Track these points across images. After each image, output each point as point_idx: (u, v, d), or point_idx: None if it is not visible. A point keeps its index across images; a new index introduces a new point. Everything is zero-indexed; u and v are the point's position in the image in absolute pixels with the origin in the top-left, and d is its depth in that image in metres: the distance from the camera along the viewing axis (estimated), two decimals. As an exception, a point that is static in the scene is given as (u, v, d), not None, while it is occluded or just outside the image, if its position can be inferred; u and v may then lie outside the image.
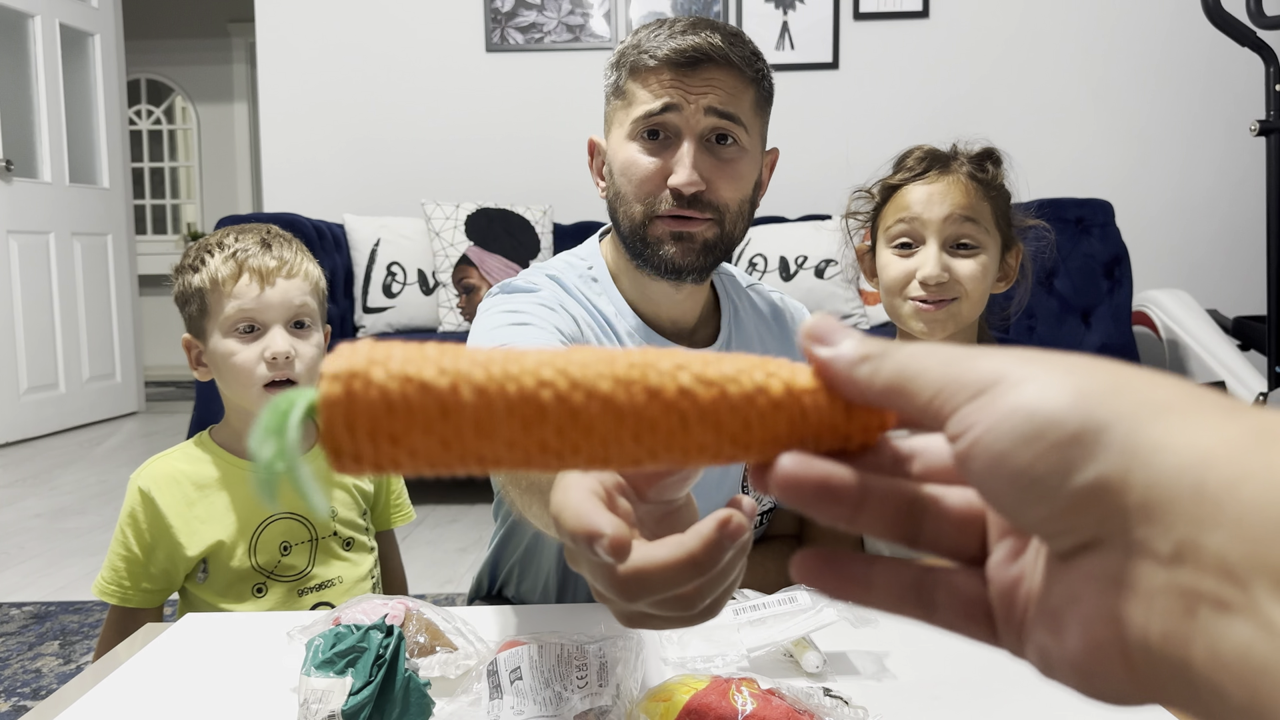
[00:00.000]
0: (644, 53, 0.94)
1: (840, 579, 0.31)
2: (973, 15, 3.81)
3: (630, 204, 0.97)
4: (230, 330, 1.04)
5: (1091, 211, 3.00)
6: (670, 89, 0.93)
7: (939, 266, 1.01)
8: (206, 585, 1.06)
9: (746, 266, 3.26)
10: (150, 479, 1.06)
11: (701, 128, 0.94)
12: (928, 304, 1.02)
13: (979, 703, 0.72)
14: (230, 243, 1.06)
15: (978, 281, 1.02)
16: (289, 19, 3.93)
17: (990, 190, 1.04)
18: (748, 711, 0.61)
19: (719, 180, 0.95)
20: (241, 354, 1.04)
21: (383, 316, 3.27)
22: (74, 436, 4.33)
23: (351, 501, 1.15)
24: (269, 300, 1.04)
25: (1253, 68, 3.25)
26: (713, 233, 0.97)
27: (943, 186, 1.03)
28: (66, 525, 2.86)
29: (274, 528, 1.07)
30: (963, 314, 1.03)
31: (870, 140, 3.71)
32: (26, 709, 1.61)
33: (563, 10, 3.85)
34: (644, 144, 0.96)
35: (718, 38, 0.93)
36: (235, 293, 1.04)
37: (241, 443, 1.11)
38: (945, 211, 1.02)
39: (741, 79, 0.95)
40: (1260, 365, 3.19)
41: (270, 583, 1.07)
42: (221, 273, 1.04)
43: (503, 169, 3.83)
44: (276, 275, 1.05)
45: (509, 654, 0.67)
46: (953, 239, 1.02)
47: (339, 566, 1.11)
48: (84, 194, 4.57)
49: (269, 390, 1.05)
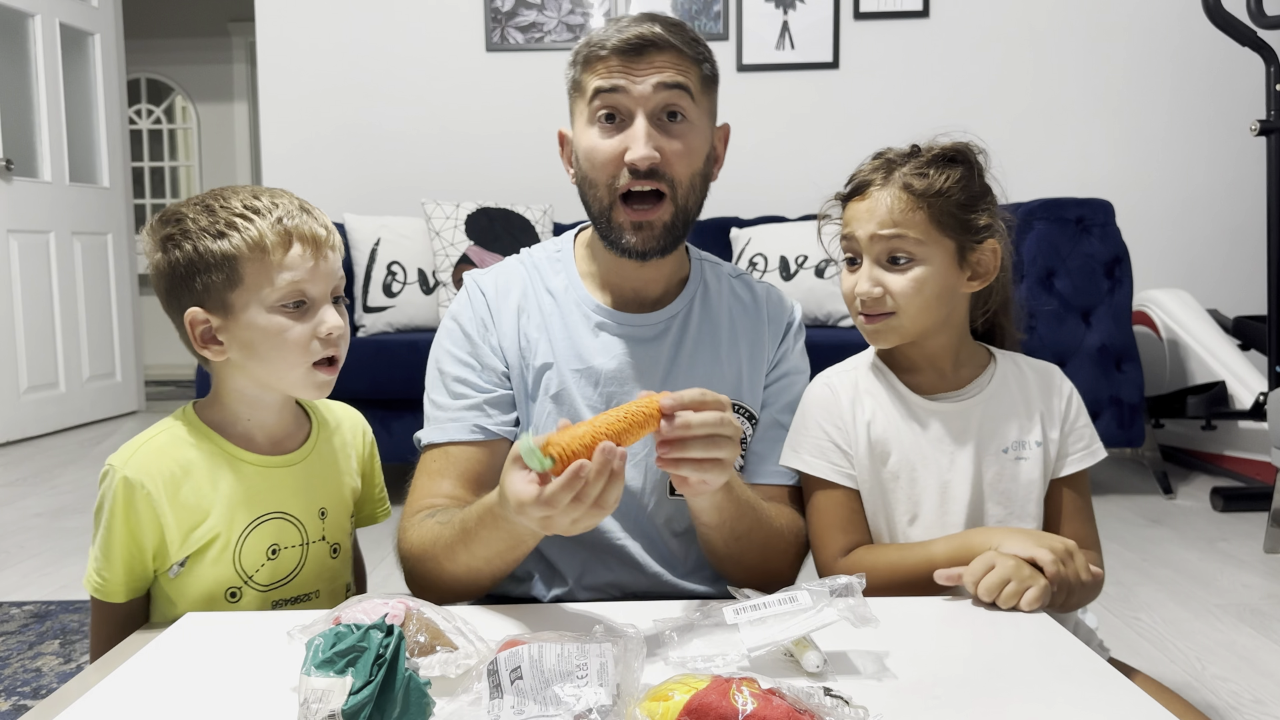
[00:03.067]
0: (594, 46, 1.05)
1: None
2: (973, 15, 3.81)
3: (595, 186, 1.07)
4: (277, 304, 0.94)
5: (1091, 211, 3.00)
6: (619, 72, 1.03)
7: (869, 283, 1.05)
8: (178, 581, 0.98)
9: (746, 266, 3.26)
10: (139, 470, 0.96)
11: (653, 104, 1.03)
12: (867, 317, 1.07)
13: (979, 703, 0.72)
14: (266, 205, 0.95)
15: (910, 295, 1.03)
16: (289, 19, 3.93)
17: (927, 198, 1.02)
18: (748, 711, 0.61)
19: (671, 154, 1.04)
20: (295, 330, 0.95)
21: (383, 316, 3.27)
22: (74, 436, 4.33)
23: (345, 505, 1.10)
24: (322, 272, 0.96)
25: (1253, 68, 3.25)
26: (669, 213, 1.06)
27: (870, 204, 1.05)
28: (66, 524, 2.86)
29: (264, 528, 1.00)
30: (902, 326, 1.05)
31: (870, 140, 3.70)
32: (26, 708, 1.61)
33: (563, 10, 3.85)
34: (601, 127, 1.06)
35: (658, 27, 1.03)
36: (287, 263, 0.93)
37: (239, 428, 1.02)
38: (871, 229, 1.04)
39: (685, 59, 1.05)
40: (1260, 365, 3.19)
41: (246, 589, 1.00)
42: (269, 239, 0.93)
43: (503, 169, 3.83)
44: (326, 246, 0.97)
45: (509, 654, 0.67)
46: (884, 254, 1.04)
47: (322, 576, 1.06)
48: (84, 193, 4.57)
49: (317, 369, 0.97)
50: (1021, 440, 1.08)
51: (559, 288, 1.16)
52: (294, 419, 1.08)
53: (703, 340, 1.16)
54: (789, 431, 1.14)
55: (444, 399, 1.13)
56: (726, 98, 1.17)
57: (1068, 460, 1.10)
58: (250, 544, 1.00)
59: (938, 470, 1.07)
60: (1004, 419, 1.09)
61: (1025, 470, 1.08)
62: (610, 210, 1.07)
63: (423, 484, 1.10)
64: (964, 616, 0.91)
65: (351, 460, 1.13)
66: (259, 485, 1.01)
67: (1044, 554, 0.93)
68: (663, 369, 1.13)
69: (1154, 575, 2.27)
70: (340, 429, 1.13)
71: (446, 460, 1.09)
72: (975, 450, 1.07)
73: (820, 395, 1.13)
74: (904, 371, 1.12)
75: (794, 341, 1.22)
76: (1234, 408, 3.07)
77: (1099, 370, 2.95)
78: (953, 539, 1.02)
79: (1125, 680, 0.76)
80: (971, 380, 1.11)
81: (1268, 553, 2.42)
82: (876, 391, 1.11)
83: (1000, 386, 1.10)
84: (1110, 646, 1.17)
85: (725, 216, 3.56)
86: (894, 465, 1.08)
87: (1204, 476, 3.26)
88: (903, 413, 1.09)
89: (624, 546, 1.12)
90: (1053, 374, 1.13)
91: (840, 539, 1.08)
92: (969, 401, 1.09)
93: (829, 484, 1.09)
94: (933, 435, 1.08)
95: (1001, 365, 1.12)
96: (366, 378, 2.79)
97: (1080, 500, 1.11)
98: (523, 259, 1.21)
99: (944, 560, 0.99)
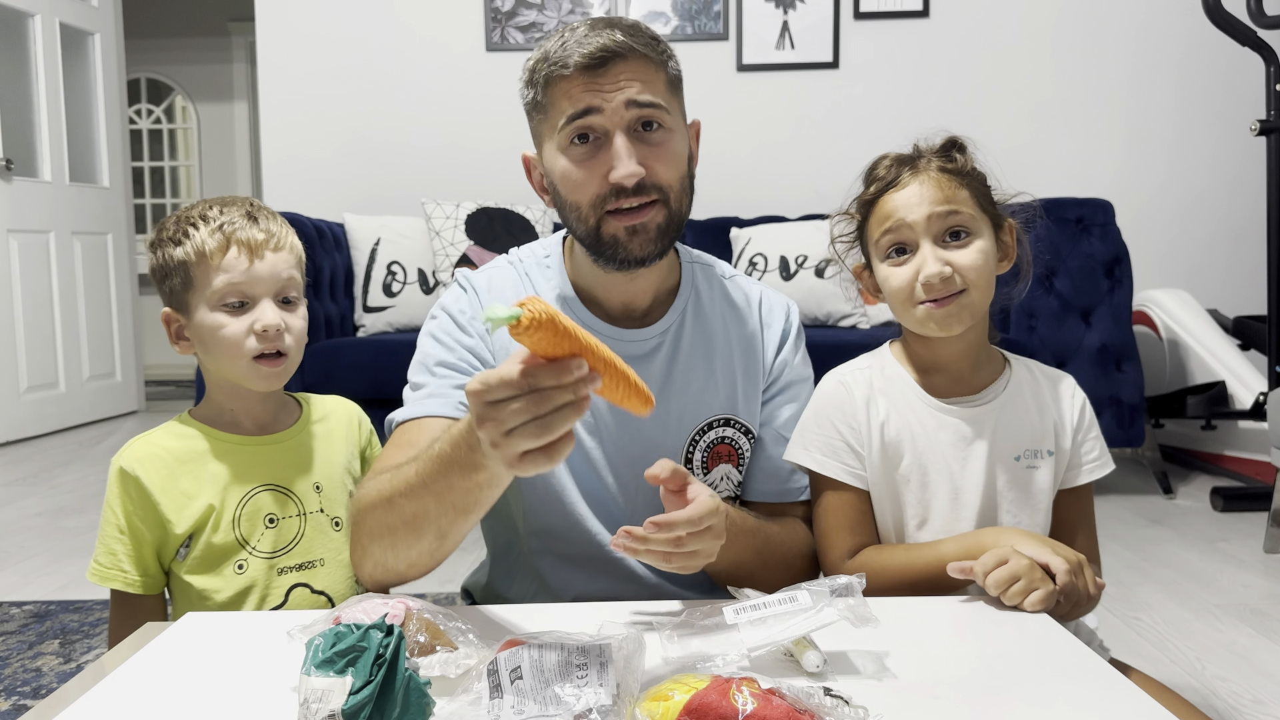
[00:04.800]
0: (554, 64, 0.99)
1: None
2: (973, 15, 3.81)
3: (579, 209, 1.03)
4: (218, 304, 1.03)
5: (1091, 211, 3.00)
6: (587, 93, 0.99)
7: (939, 264, 1.01)
8: (186, 563, 1.04)
9: (746, 266, 3.26)
10: (132, 459, 1.04)
11: (627, 120, 0.99)
12: (937, 303, 1.02)
13: (979, 703, 0.72)
14: (215, 215, 1.04)
15: (980, 267, 1.02)
16: (289, 19, 3.93)
17: (963, 177, 1.04)
18: (748, 711, 0.61)
19: (656, 163, 1.01)
20: (231, 327, 1.03)
21: (383, 316, 3.27)
22: (74, 435, 4.33)
23: (341, 482, 1.13)
24: (258, 274, 1.04)
25: (1253, 68, 3.25)
26: (662, 216, 1.03)
27: (917, 187, 1.03)
28: (66, 524, 2.86)
29: (258, 499, 1.06)
30: (975, 303, 1.03)
31: (870, 140, 3.70)
32: (26, 708, 1.61)
33: (563, 10, 3.85)
34: (577, 149, 1.01)
35: (618, 34, 0.99)
36: (224, 266, 1.02)
37: (226, 418, 1.09)
38: (928, 210, 1.02)
39: (650, 64, 1.01)
40: (1260, 365, 3.19)
41: (252, 558, 1.05)
42: (209, 245, 1.02)
43: (503, 168, 3.83)
44: (265, 249, 1.04)
45: (509, 654, 0.67)
46: (943, 233, 1.03)
47: (327, 546, 1.09)
48: (84, 193, 4.57)
49: (259, 363, 1.04)
50: (1034, 449, 1.07)
51: (551, 298, 1.13)
52: (279, 406, 1.14)
53: (696, 355, 1.13)
54: (797, 426, 1.12)
55: (426, 379, 1.09)
56: (727, 98, 1.17)
57: (1080, 471, 1.09)
58: (248, 513, 1.06)
59: (949, 475, 1.06)
60: (1018, 426, 1.07)
61: (1037, 479, 1.07)
62: (599, 228, 1.02)
63: (389, 453, 1.04)
64: (964, 616, 0.91)
65: (346, 444, 1.16)
66: (250, 461, 1.08)
67: (1059, 562, 0.92)
68: (656, 387, 1.10)
69: (1154, 575, 2.27)
70: (330, 417, 1.17)
71: (419, 431, 1.03)
72: (988, 456, 1.06)
73: (834, 393, 1.11)
74: (921, 372, 1.10)
75: (794, 350, 1.19)
76: (1234, 408, 3.07)
77: (1099, 370, 2.95)
78: (964, 538, 1.01)
79: (1125, 680, 0.76)
80: (987, 385, 1.09)
81: (1268, 553, 2.42)
82: (891, 392, 1.09)
83: (1015, 393, 1.09)
84: (1110, 646, 1.17)
85: (725, 216, 3.56)
86: (906, 468, 1.07)
87: (1204, 476, 3.26)
88: (918, 415, 1.08)
89: (621, 559, 1.09)
90: (1066, 383, 1.12)
91: (848, 540, 1.08)
92: (985, 407, 1.07)
93: (839, 484, 1.08)
94: (946, 439, 1.07)
95: (1017, 371, 1.11)
96: (366, 377, 2.79)
97: (1085, 513, 1.11)
98: (512, 262, 1.17)
99: (955, 560, 0.97)
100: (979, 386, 1.09)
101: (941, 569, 0.97)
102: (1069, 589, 0.92)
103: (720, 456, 1.13)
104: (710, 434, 1.12)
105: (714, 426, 1.13)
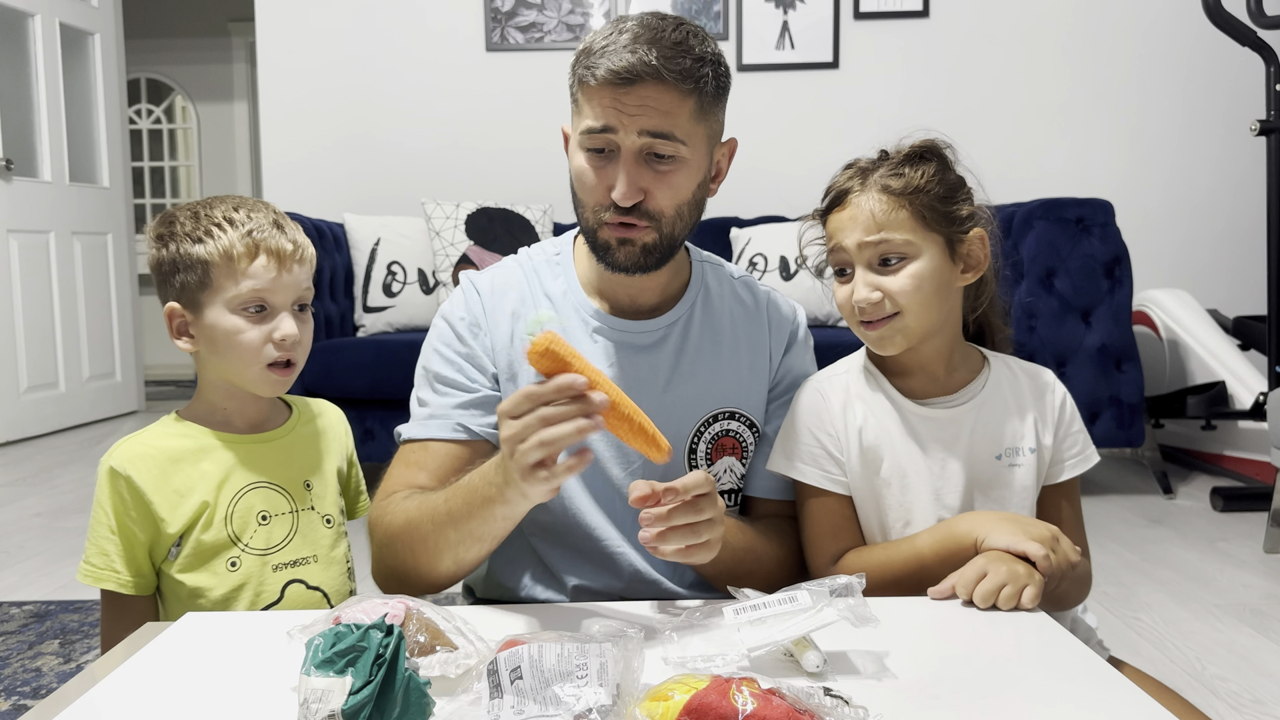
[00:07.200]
0: (589, 68, 1.01)
1: None
2: (973, 15, 3.81)
3: (583, 205, 1.08)
4: (238, 308, 1.04)
5: (1091, 211, 3.00)
6: (609, 110, 1.01)
7: (868, 289, 1.03)
8: (177, 561, 1.04)
9: (746, 266, 3.26)
10: (123, 459, 1.04)
11: (637, 146, 1.02)
12: (870, 325, 1.05)
13: (979, 703, 0.72)
14: (243, 219, 1.05)
15: (911, 291, 1.02)
16: (289, 19, 3.93)
17: (906, 195, 1.03)
18: (748, 711, 0.61)
19: (656, 190, 1.03)
20: (250, 333, 1.04)
21: (383, 316, 3.27)
22: (74, 436, 4.33)
23: (331, 481, 1.15)
24: (283, 284, 1.05)
25: (1253, 68, 3.25)
26: (651, 237, 1.06)
27: (851, 212, 1.04)
28: (66, 524, 2.86)
29: (251, 496, 1.06)
30: (909, 325, 1.03)
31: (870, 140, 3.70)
32: (26, 708, 1.61)
33: (563, 10, 3.85)
34: (590, 157, 1.05)
35: (654, 55, 0.98)
36: (250, 272, 1.03)
37: (218, 417, 1.10)
38: (858, 237, 1.03)
39: (677, 93, 1.00)
40: (1260, 365, 3.19)
41: (245, 555, 1.05)
42: (237, 249, 1.03)
43: (503, 169, 3.83)
44: (292, 260, 1.06)
45: (509, 654, 0.67)
46: (874, 259, 1.03)
47: (318, 543, 1.10)
48: (84, 193, 4.57)
49: (271, 370, 1.05)
50: (1015, 446, 1.08)
51: (557, 292, 1.15)
52: (271, 407, 1.14)
53: (704, 347, 1.15)
54: (779, 435, 1.13)
55: (429, 395, 1.13)
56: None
57: (1063, 467, 1.10)
58: (240, 510, 1.06)
59: (930, 477, 1.07)
60: (997, 425, 1.08)
61: (1019, 476, 1.07)
62: (596, 230, 1.07)
63: (399, 472, 1.10)
64: (964, 616, 0.91)
65: (336, 445, 1.18)
66: (241, 459, 1.08)
67: (1034, 548, 0.93)
68: (663, 377, 1.12)
69: (1154, 575, 2.27)
70: (319, 419, 1.19)
71: (425, 454, 1.09)
72: (968, 457, 1.07)
73: (811, 401, 1.12)
74: (895, 375, 1.10)
75: (801, 352, 1.21)
76: (1234, 408, 3.07)
77: (1099, 370, 2.95)
78: (936, 530, 1.02)
79: (1125, 680, 0.76)
80: (964, 385, 1.09)
81: (1268, 553, 2.42)
82: (868, 396, 1.10)
83: (994, 391, 1.09)
84: (1110, 646, 1.17)
85: (725, 216, 3.56)
86: (886, 472, 1.08)
87: (1204, 476, 3.26)
88: (895, 419, 1.08)
89: (622, 553, 1.11)
90: (1045, 378, 1.12)
91: (832, 546, 1.08)
92: (962, 408, 1.08)
93: (821, 491, 1.09)
94: (925, 442, 1.07)
95: (995, 369, 1.11)
96: (366, 378, 2.79)
97: (1072, 507, 1.11)
98: (520, 261, 1.20)
99: (931, 553, 1.00)
100: (956, 387, 1.09)
101: (920, 563, 0.99)
102: (1049, 569, 0.93)
103: (725, 449, 1.15)
104: (715, 426, 1.14)
105: (719, 419, 1.14)
